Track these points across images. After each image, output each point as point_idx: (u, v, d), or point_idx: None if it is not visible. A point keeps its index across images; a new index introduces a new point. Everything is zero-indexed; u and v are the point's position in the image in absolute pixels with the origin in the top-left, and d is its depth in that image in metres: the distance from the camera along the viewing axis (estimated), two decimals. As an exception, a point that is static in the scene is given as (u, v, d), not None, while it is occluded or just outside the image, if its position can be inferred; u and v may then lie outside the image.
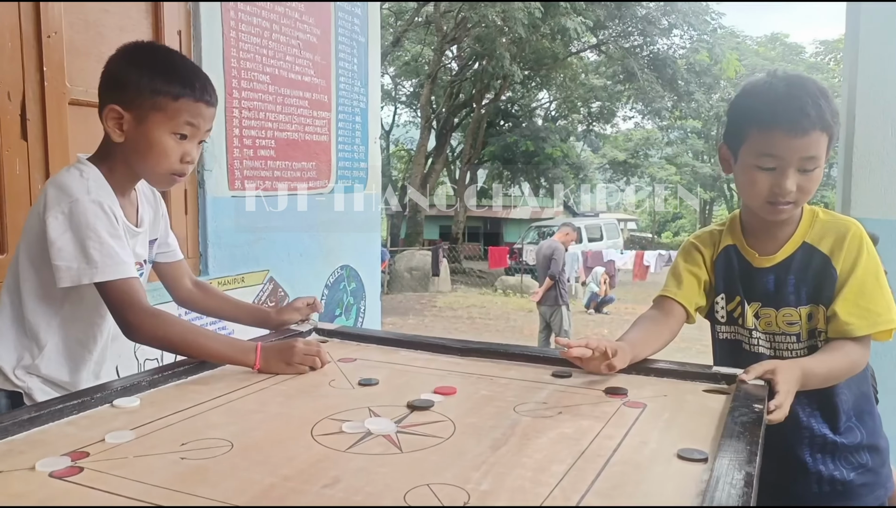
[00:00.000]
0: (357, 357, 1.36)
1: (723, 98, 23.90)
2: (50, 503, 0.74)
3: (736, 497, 0.69)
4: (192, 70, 1.31)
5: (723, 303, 1.38)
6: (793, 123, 1.19)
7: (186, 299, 1.55)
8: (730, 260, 1.38)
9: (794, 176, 1.22)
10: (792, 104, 1.19)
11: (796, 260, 1.30)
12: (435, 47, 16.90)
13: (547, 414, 1.02)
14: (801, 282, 1.29)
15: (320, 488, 0.78)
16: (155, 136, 1.25)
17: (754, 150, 1.24)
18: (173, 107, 1.25)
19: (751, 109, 1.25)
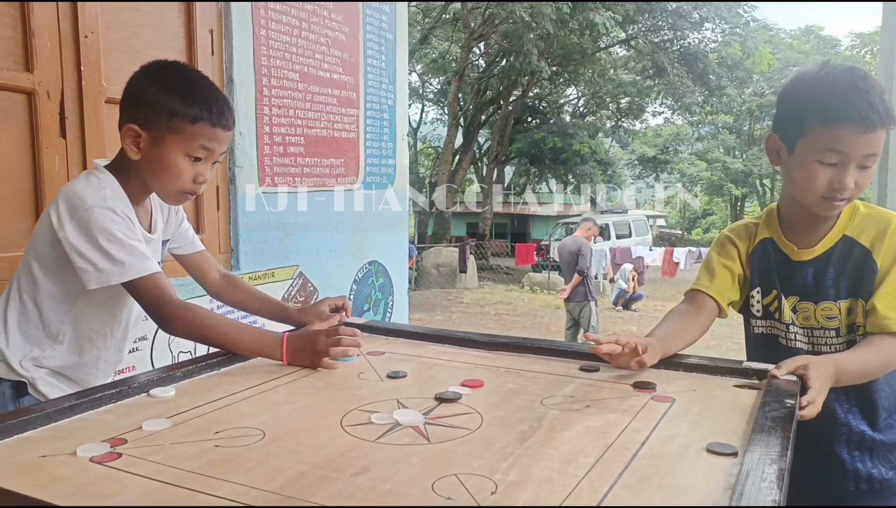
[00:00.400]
0: (385, 351, 1.37)
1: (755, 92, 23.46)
2: (90, 486, 0.77)
3: (766, 491, 0.68)
4: (212, 93, 1.31)
5: (759, 297, 1.37)
6: (862, 119, 1.16)
7: (215, 292, 1.58)
8: (766, 253, 1.36)
9: (853, 172, 1.20)
10: (861, 98, 1.16)
11: (836, 253, 1.28)
12: (462, 44, 16.88)
13: (574, 408, 1.02)
14: (840, 275, 1.28)
15: (349, 476, 0.79)
16: (170, 157, 1.27)
17: (818, 144, 1.20)
18: (190, 130, 1.26)
19: (815, 101, 1.20)
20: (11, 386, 1.30)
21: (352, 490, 0.75)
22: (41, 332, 1.33)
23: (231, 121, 1.32)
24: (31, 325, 1.32)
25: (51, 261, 1.29)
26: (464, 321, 9.56)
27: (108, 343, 1.40)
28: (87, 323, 1.36)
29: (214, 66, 2.41)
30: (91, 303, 1.34)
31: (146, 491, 0.76)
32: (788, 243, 1.34)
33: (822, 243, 1.30)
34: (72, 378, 1.37)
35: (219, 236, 2.49)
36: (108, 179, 1.30)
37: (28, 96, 1.82)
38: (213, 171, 1.35)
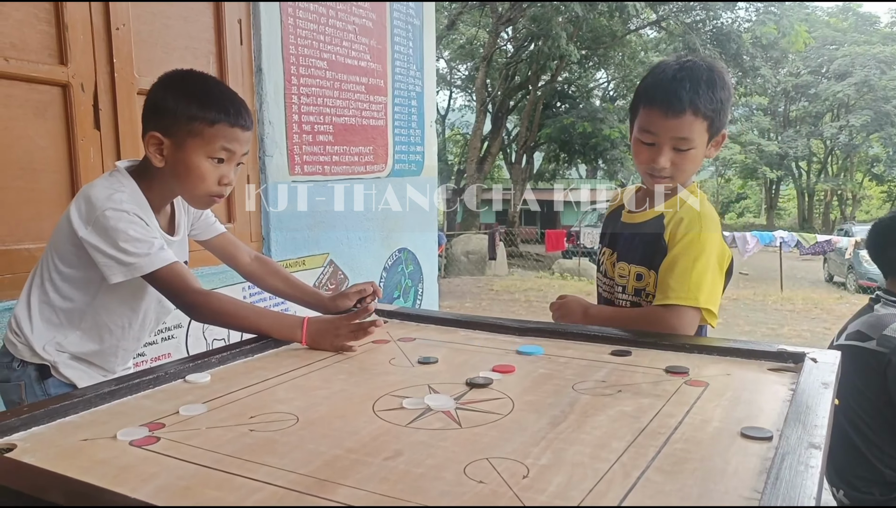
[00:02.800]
0: (416, 337, 1.38)
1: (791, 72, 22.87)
2: (131, 469, 0.79)
3: (803, 475, 0.67)
4: (228, 96, 1.34)
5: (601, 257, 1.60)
6: (668, 105, 1.32)
7: (248, 275, 1.60)
8: (615, 217, 1.57)
9: (668, 153, 1.36)
10: (672, 87, 1.32)
11: (648, 226, 1.45)
12: (490, 29, 16.75)
13: (606, 392, 1.02)
14: (641, 244, 1.45)
15: (382, 460, 0.80)
16: (193, 161, 1.30)
17: (638, 125, 1.39)
18: (209, 132, 1.29)
19: (644, 87, 1.40)
20: (36, 369, 1.35)
21: (385, 473, 0.76)
22: (62, 320, 1.37)
23: (249, 121, 1.34)
24: (53, 313, 1.37)
25: (70, 256, 1.33)
26: (494, 307, 9.55)
27: (126, 334, 1.44)
28: (107, 315, 1.40)
29: (243, 56, 2.43)
30: (110, 297, 1.37)
31: (185, 474, 0.77)
32: (630, 210, 1.53)
33: (643, 214, 1.48)
34: (93, 363, 1.41)
35: (250, 225, 2.52)
36: (127, 181, 1.34)
37: (63, 89, 1.86)
38: (236, 173, 1.37)
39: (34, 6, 1.76)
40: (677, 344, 1.24)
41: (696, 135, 1.35)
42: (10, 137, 1.75)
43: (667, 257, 1.38)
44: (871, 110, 22.89)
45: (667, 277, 1.36)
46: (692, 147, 1.36)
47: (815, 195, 30.15)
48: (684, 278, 1.34)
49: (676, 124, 1.33)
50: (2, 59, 1.69)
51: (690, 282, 1.33)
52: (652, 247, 1.42)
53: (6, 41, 1.70)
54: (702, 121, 1.34)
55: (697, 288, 1.33)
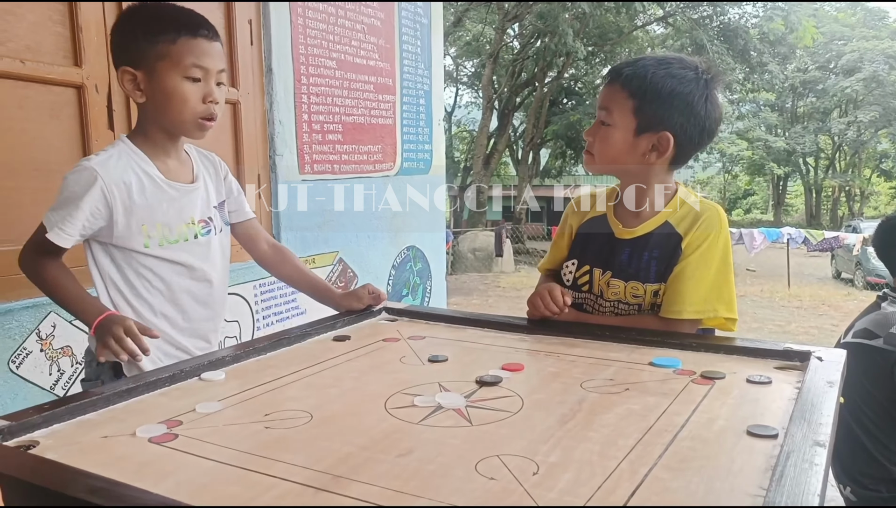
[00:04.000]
0: (426, 335, 1.40)
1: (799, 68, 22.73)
2: (151, 465, 0.81)
3: (808, 472, 0.69)
4: (185, 13, 1.34)
5: (572, 269, 1.46)
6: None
7: (262, 261, 1.61)
8: (594, 230, 1.45)
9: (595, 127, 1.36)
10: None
11: (654, 237, 1.36)
12: (496, 26, 16.73)
13: (614, 391, 1.03)
14: (653, 259, 1.35)
15: (395, 457, 0.82)
16: (169, 84, 1.30)
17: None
18: (175, 51, 1.29)
19: None
20: (111, 367, 1.36)
21: (398, 470, 0.78)
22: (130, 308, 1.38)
23: (212, 32, 1.33)
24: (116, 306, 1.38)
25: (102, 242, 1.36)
26: (501, 304, 9.57)
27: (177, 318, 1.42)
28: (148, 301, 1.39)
29: (254, 56, 2.45)
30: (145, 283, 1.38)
31: (203, 471, 0.79)
32: (617, 220, 1.42)
33: (645, 225, 1.38)
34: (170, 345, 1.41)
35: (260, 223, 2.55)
36: (118, 144, 1.36)
37: (77, 90, 1.88)
38: (221, 92, 1.34)
39: (49, 8, 1.78)
40: (684, 343, 1.25)
41: (615, 106, 1.31)
42: (25, 138, 1.78)
43: (681, 263, 1.32)
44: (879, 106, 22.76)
45: (679, 285, 1.32)
46: (610, 123, 1.32)
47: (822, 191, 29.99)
48: (698, 289, 1.31)
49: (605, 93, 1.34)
50: (18, 61, 1.71)
51: (701, 292, 1.30)
52: (668, 260, 1.34)
53: (21, 43, 1.73)
54: (626, 97, 1.29)
55: (711, 298, 1.30)
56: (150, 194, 1.36)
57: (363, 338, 1.38)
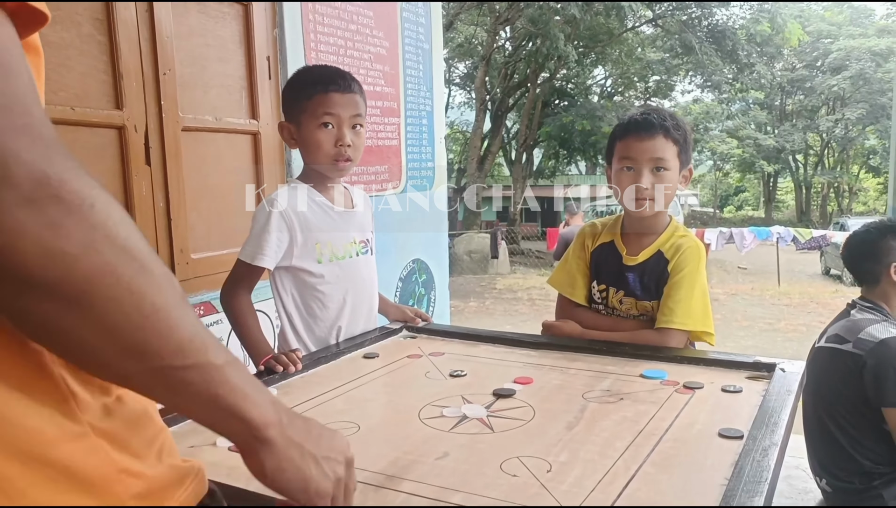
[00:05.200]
0: (445, 352, 1.59)
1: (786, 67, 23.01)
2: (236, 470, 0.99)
3: (760, 465, 0.88)
4: (325, 72, 1.61)
5: (597, 288, 1.72)
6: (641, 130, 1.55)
7: None
8: (605, 254, 1.71)
9: (648, 175, 1.55)
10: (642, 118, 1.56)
11: (650, 263, 1.63)
12: (488, 28, 16.92)
13: (610, 400, 1.23)
14: (651, 282, 1.62)
15: (434, 460, 1.01)
16: (308, 133, 1.57)
17: (618, 155, 1.60)
18: (311, 104, 1.55)
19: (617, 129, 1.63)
20: None
21: (438, 470, 0.97)
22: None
23: (345, 85, 1.57)
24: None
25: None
26: (497, 307, 9.76)
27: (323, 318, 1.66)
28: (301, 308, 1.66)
29: (271, 88, 2.64)
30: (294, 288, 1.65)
31: (282, 473, 0.98)
32: (624, 246, 1.68)
33: (643, 253, 1.64)
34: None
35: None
36: (293, 183, 1.65)
37: (119, 131, 2.07)
38: (355, 135, 1.59)
39: (95, 59, 1.97)
40: (670, 356, 1.45)
41: (669, 155, 1.56)
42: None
43: (669, 283, 1.58)
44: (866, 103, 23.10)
45: (671, 301, 1.56)
46: (668, 168, 1.56)
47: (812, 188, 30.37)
48: (687, 306, 1.54)
49: (652, 145, 1.54)
50: (68, 108, 1.90)
51: (691, 311, 1.54)
52: (661, 282, 1.60)
53: (71, 92, 1.91)
54: (672, 144, 1.56)
55: (698, 313, 1.55)
56: (319, 218, 1.63)
57: (390, 355, 1.57)
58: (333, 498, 0.69)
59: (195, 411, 0.60)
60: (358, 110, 1.59)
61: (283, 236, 1.57)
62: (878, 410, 2.05)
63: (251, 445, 0.64)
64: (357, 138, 1.60)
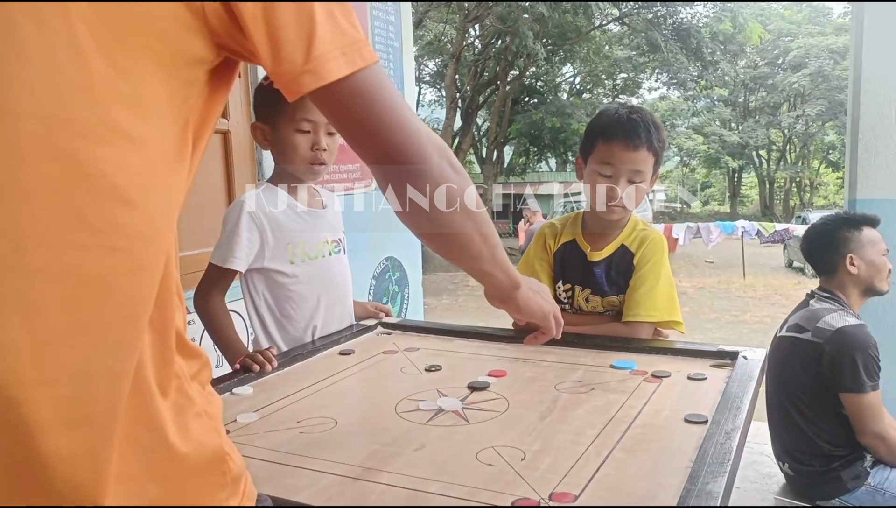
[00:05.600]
0: (420, 347, 1.61)
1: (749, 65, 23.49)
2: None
3: (723, 447, 0.93)
4: None
5: (563, 288, 1.72)
6: (628, 139, 1.53)
7: None
8: (568, 253, 1.72)
9: (624, 185, 1.56)
10: (629, 125, 1.53)
11: (615, 258, 1.65)
12: (458, 26, 16.95)
13: (582, 391, 1.27)
14: (619, 275, 1.65)
15: (412, 451, 1.03)
16: (283, 136, 1.58)
17: (598, 158, 1.58)
18: (289, 109, 1.55)
19: (600, 125, 1.60)
20: None
21: (416, 461, 1.00)
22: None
23: None
24: None
25: None
26: (470, 304, 9.81)
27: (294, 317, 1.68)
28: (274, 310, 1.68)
29: (241, 88, 2.63)
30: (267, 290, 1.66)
31: (262, 468, 1.00)
32: (587, 244, 1.69)
33: (607, 248, 1.66)
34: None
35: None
36: (261, 185, 1.67)
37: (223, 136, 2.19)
38: (332, 140, 1.61)
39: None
40: (639, 347, 1.50)
41: (647, 168, 1.57)
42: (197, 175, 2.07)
43: (636, 275, 1.61)
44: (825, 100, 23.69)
45: (637, 294, 1.60)
46: (644, 180, 1.58)
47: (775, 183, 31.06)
48: (653, 299, 1.58)
49: (634, 157, 1.54)
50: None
51: (658, 302, 1.58)
52: (628, 276, 1.63)
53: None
54: (652, 157, 1.57)
55: (665, 304, 1.59)
56: (290, 219, 1.63)
57: (365, 351, 1.59)
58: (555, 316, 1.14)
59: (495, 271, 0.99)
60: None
61: (253, 238, 1.58)
62: (836, 395, 2.14)
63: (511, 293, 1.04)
64: (332, 143, 1.62)
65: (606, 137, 1.57)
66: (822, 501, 2.21)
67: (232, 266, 1.56)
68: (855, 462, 2.16)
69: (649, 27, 16.72)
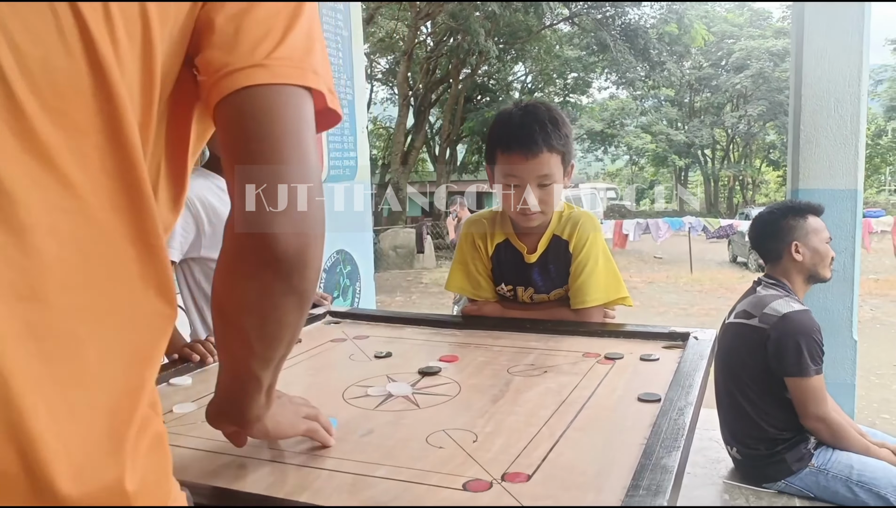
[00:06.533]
0: (369, 335, 1.57)
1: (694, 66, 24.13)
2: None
3: (676, 423, 0.91)
4: None
5: (504, 288, 1.69)
6: (525, 149, 1.45)
7: None
8: (503, 255, 1.66)
9: (534, 191, 1.49)
10: (522, 132, 1.46)
11: (551, 251, 1.61)
12: (409, 23, 16.89)
13: (535, 374, 1.24)
14: (558, 268, 1.62)
15: (359, 437, 0.99)
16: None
17: (501, 172, 1.51)
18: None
19: (496, 136, 1.53)
20: None
21: (363, 446, 0.95)
22: None
23: None
24: None
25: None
26: (424, 301, 9.78)
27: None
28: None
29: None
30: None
31: (198, 458, 0.94)
32: (522, 244, 1.64)
33: (542, 243, 1.62)
34: None
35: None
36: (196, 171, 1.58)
37: None
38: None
39: None
40: (592, 331, 1.49)
41: (554, 170, 1.49)
42: None
43: (574, 263, 1.58)
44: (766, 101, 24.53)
45: (579, 281, 1.57)
46: (553, 182, 1.50)
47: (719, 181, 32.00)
48: (596, 281, 1.56)
49: (536, 164, 1.46)
50: None
51: (601, 284, 1.56)
52: (568, 263, 1.60)
53: None
54: (556, 156, 1.48)
55: (609, 284, 1.58)
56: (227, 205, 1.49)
57: (312, 340, 1.54)
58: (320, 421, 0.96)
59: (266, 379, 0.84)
60: None
61: (188, 227, 1.50)
62: (781, 380, 2.18)
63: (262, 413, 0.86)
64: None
65: (504, 149, 1.50)
66: (767, 483, 2.25)
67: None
68: (799, 444, 2.21)
69: (598, 27, 17.00)
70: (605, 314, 1.60)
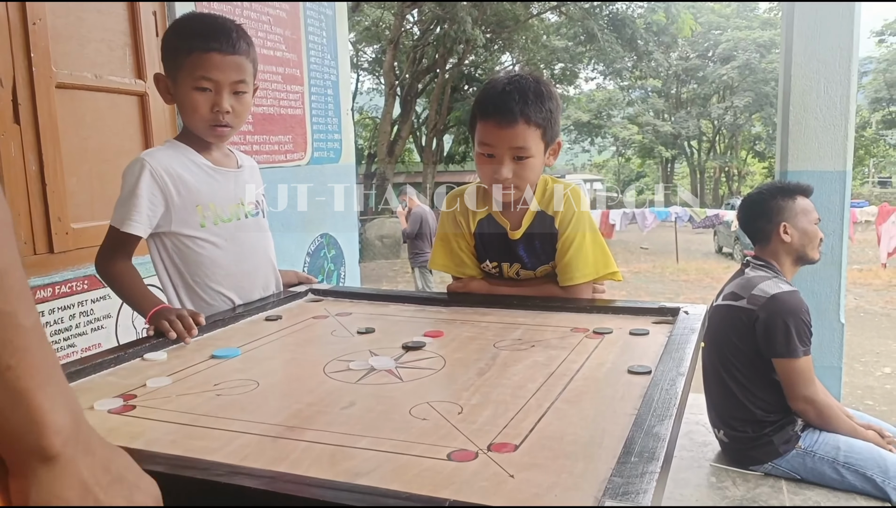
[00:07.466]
0: (352, 312, 1.52)
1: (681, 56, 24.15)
2: (117, 431, 0.90)
3: (668, 394, 0.88)
4: (208, 27, 1.41)
5: (489, 265, 1.64)
6: (499, 117, 1.40)
7: None
8: (487, 231, 1.61)
9: (508, 163, 1.43)
10: (500, 100, 1.40)
11: (535, 227, 1.56)
12: (395, 11, 16.74)
13: (522, 348, 1.21)
14: (543, 244, 1.57)
15: (339, 409, 0.95)
16: (182, 92, 1.41)
17: (477, 139, 1.46)
18: (188, 62, 1.39)
19: (477, 102, 1.47)
20: None
21: (344, 419, 0.91)
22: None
23: (228, 44, 1.39)
24: None
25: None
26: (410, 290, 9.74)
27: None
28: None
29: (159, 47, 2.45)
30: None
31: (169, 431, 0.89)
32: (505, 220, 1.59)
33: (526, 219, 1.56)
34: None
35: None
36: (166, 142, 1.50)
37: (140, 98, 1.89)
38: (235, 100, 1.43)
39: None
40: (580, 306, 1.45)
41: (531, 143, 1.42)
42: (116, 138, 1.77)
43: (561, 239, 1.53)
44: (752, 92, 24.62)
45: (566, 258, 1.52)
46: (530, 155, 1.43)
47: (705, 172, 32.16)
48: (584, 257, 1.51)
49: (511, 134, 1.40)
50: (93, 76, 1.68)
51: (589, 259, 1.52)
52: (554, 239, 1.55)
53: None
54: (535, 129, 1.42)
55: (597, 260, 1.53)
56: (199, 178, 1.47)
57: (293, 317, 1.49)
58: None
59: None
60: (242, 76, 1.43)
61: (156, 200, 1.42)
62: (769, 361, 2.17)
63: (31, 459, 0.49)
64: (239, 105, 1.45)
65: (482, 116, 1.45)
66: (754, 465, 2.24)
67: (131, 230, 1.40)
68: (786, 426, 2.19)
69: (586, 16, 16.93)
70: (595, 290, 1.57)
